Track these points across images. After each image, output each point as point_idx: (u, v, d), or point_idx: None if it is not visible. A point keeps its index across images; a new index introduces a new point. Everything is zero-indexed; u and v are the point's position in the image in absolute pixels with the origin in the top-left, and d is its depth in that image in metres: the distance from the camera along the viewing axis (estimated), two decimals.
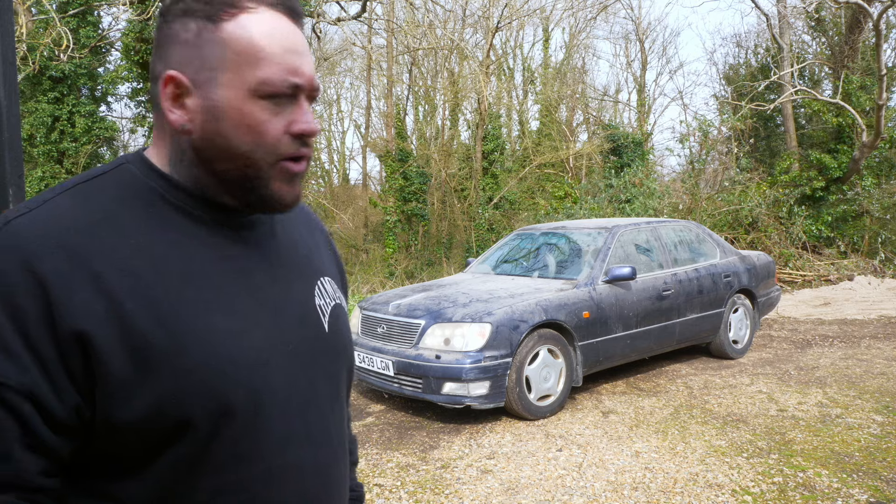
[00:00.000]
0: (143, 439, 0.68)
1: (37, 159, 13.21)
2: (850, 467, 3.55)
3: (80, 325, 0.64)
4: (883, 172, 14.14)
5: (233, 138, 0.73)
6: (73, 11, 12.02)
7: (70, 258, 0.66)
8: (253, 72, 0.72)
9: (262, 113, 0.73)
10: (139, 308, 0.67)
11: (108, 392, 0.66)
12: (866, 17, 11.99)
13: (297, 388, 0.79)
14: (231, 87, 0.72)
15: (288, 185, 0.77)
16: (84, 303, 0.65)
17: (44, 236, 0.66)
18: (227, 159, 0.74)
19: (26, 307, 0.63)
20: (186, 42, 0.73)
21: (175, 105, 0.74)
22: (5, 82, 1.37)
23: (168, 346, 0.68)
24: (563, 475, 3.59)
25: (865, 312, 8.62)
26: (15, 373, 0.63)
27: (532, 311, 4.56)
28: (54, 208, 0.69)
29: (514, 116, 19.47)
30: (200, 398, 0.69)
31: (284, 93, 0.73)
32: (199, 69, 0.73)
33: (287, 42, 0.74)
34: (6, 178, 1.42)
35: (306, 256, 0.90)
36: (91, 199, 0.71)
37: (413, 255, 14.80)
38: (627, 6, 26.75)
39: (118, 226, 0.70)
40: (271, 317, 0.78)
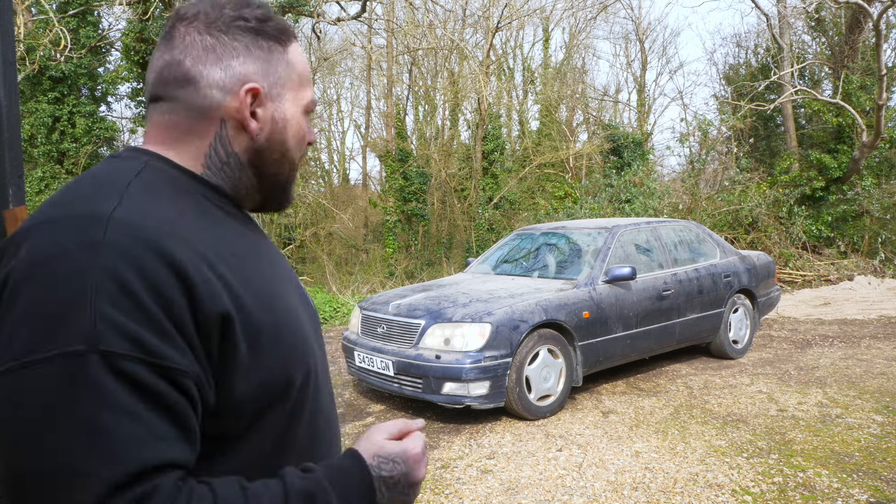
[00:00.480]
0: (254, 406, 0.74)
1: (37, 159, 13.20)
2: (850, 467, 3.54)
3: (223, 307, 0.69)
4: (883, 172, 14.14)
5: (291, 147, 0.86)
6: (72, 11, 12.01)
7: (189, 246, 0.69)
8: (305, 93, 0.87)
9: (305, 124, 0.88)
10: (245, 292, 0.74)
11: (232, 371, 0.71)
12: (866, 17, 11.99)
13: (320, 357, 0.91)
14: (294, 103, 0.85)
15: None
16: (218, 289, 0.69)
17: (157, 227, 0.67)
18: (283, 164, 0.86)
19: (173, 297, 0.65)
20: (259, 58, 0.82)
21: (251, 114, 0.82)
22: (5, 82, 1.37)
23: (272, 327, 0.76)
24: (563, 475, 3.59)
25: (865, 312, 8.62)
26: (185, 361, 0.66)
27: (532, 311, 4.56)
28: (135, 200, 0.70)
29: (514, 116, 19.47)
30: (296, 365, 0.79)
31: (313, 111, 0.89)
32: (273, 84, 0.83)
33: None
34: (6, 178, 1.42)
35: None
36: (160, 194, 0.74)
37: (413, 255, 14.80)
38: (627, 6, 26.77)
39: (192, 217, 0.74)
40: (297, 295, 0.89)
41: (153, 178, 0.75)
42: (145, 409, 0.61)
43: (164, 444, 0.62)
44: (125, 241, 0.64)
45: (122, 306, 0.62)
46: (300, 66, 0.86)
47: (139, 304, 0.63)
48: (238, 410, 0.72)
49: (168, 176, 0.77)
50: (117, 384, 0.60)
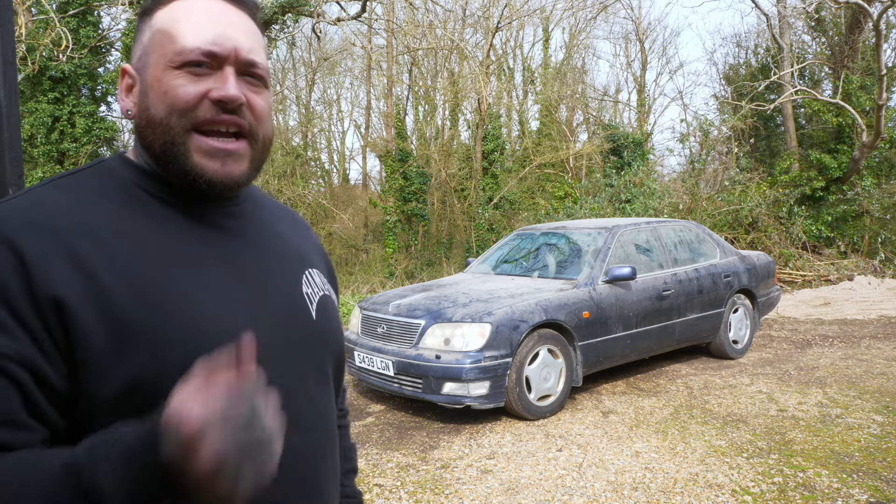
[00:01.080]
0: (119, 413, 0.66)
1: (37, 159, 13.20)
2: (850, 467, 3.55)
3: (55, 292, 0.66)
4: (883, 172, 14.14)
5: (152, 107, 0.76)
6: (73, 11, 12.01)
7: (49, 236, 0.68)
8: (171, 45, 0.75)
9: (176, 80, 0.75)
10: (117, 284, 0.69)
11: (88, 364, 0.66)
12: (866, 17, 11.99)
13: (284, 372, 0.78)
14: (155, 64, 0.76)
15: (212, 161, 0.76)
16: (61, 275, 0.67)
17: (24, 217, 0.69)
18: (150, 129, 0.76)
19: (8, 281, 0.65)
20: (137, 38, 0.80)
21: (126, 94, 0.80)
22: (5, 82, 1.37)
23: (147, 320, 0.68)
24: (563, 475, 3.59)
25: (865, 312, 8.62)
26: (9, 342, 0.64)
27: (532, 311, 4.56)
28: (36, 196, 0.73)
29: (514, 116, 19.47)
30: (177, 372, 0.65)
31: (199, 60, 0.75)
32: (139, 57, 0.79)
33: (208, 16, 0.77)
34: (6, 178, 1.42)
35: (293, 248, 0.91)
36: (72, 190, 0.75)
37: (413, 255, 14.80)
38: (627, 6, 26.74)
39: (98, 212, 0.73)
40: (257, 299, 0.79)
41: (86, 177, 0.77)
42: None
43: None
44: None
45: None
46: (165, 22, 0.76)
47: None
48: (103, 410, 0.67)
49: (106, 173, 0.79)
50: None
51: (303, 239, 0.97)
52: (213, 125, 0.76)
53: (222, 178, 0.77)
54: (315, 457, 0.82)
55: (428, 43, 16.81)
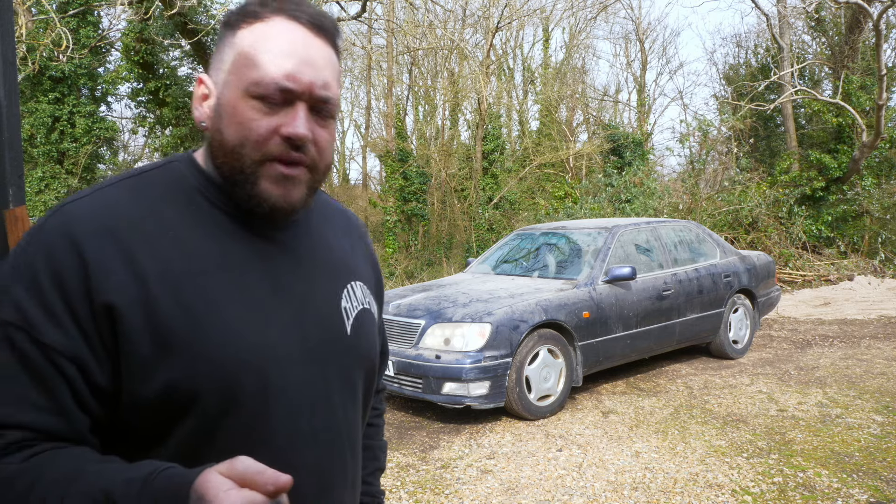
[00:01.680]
0: (157, 414, 0.73)
1: (37, 159, 13.19)
2: (850, 467, 3.55)
3: (110, 299, 0.71)
4: (883, 172, 14.13)
5: (226, 133, 0.78)
6: (73, 11, 12.01)
7: (112, 241, 0.73)
8: (249, 73, 0.76)
9: (251, 111, 0.76)
10: (165, 294, 0.73)
11: (132, 367, 0.72)
12: (866, 17, 11.99)
13: (310, 387, 0.81)
14: (232, 87, 0.78)
15: (277, 187, 0.79)
16: (118, 281, 0.72)
17: (91, 220, 0.74)
18: (223, 154, 0.79)
19: (69, 279, 0.71)
20: (217, 49, 0.82)
21: (200, 103, 0.82)
22: (5, 82, 1.38)
23: (186, 332, 0.73)
24: (563, 475, 3.59)
25: (865, 312, 8.62)
26: (62, 339, 0.70)
27: (532, 311, 4.56)
28: (106, 197, 0.77)
29: (514, 116, 19.47)
30: (209, 381, 0.73)
31: (274, 95, 0.76)
32: (218, 71, 0.80)
33: (289, 47, 0.77)
34: (6, 178, 1.42)
35: (340, 259, 0.94)
36: (139, 193, 0.79)
37: (413, 255, 14.79)
38: (627, 6, 26.72)
39: (160, 218, 0.77)
40: (292, 315, 0.82)
41: (154, 179, 0.81)
42: (16, 373, 0.69)
43: (23, 408, 0.69)
44: (52, 229, 0.73)
45: (25, 283, 0.71)
46: (247, 45, 0.77)
47: (37, 284, 0.70)
48: (142, 411, 0.73)
49: (173, 176, 0.82)
50: (4, 347, 0.70)
51: (353, 247, 0.99)
52: (281, 161, 0.78)
53: (283, 205, 0.80)
54: (334, 471, 0.84)
55: (428, 43, 16.81)
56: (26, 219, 1.50)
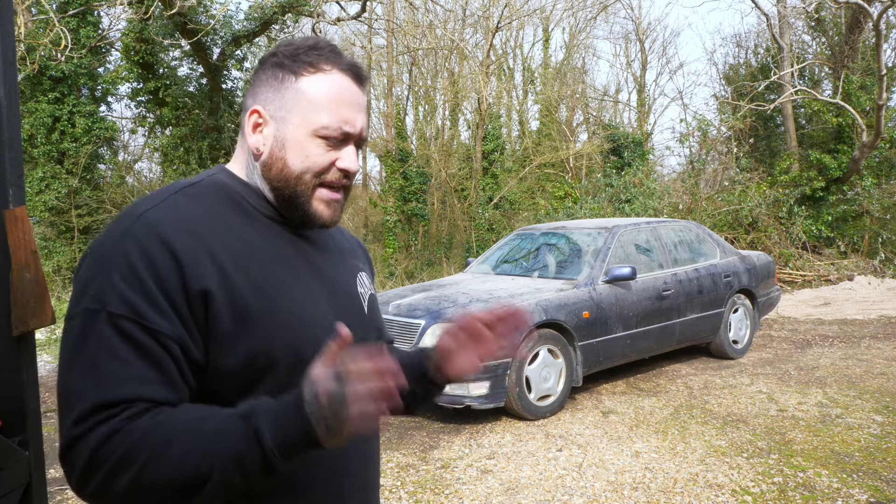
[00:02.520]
0: (236, 381, 0.87)
1: (37, 159, 13.18)
2: (850, 467, 3.55)
3: (204, 285, 0.85)
4: (883, 172, 14.12)
5: (290, 163, 0.96)
6: (72, 11, 12.00)
7: (194, 239, 0.87)
8: (316, 117, 0.95)
9: (316, 148, 0.96)
10: (241, 279, 0.88)
11: (219, 342, 0.86)
12: (866, 17, 11.99)
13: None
14: (298, 126, 0.96)
15: (327, 208, 0.99)
16: (207, 270, 0.86)
17: (173, 222, 0.88)
18: (283, 179, 0.97)
19: (167, 274, 0.83)
20: (272, 87, 0.98)
21: (255, 131, 0.99)
22: (5, 82, 1.38)
23: (261, 308, 0.88)
24: (563, 475, 3.59)
25: (865, 312, 8.62)
26: (167, 325, 0.83)
27: (532, 311, 4.56)
28: (175, 204, 0.91)
29: (514, 116, 19.47)
30: (282, 348, 0.89)
31: (336, 137, 0.96)
32: (278, 108, 0.97)
33: (347, 99, 0.97)
34: (6, 178, 1.42)
35: (350, 256, 1.15)
36: (199, 200, 0.94)
37: (413, 255, 14.78)
38: (627, 6, 26.68)
39: (221, 219, 0.93)
40: (329, 293, 1.01)
41: (205, 189, 0.97)
42: (133, 357, 0.81)
43: (143, 384, 0.81)
44: (141, 232, 0.85)
45: (126, 279, 0.83)
46: (312, 94, 0.95)
47: (138, 279, 0.83)
48: (226, 378, 0.87)
49: (218, 185, 0.98)
50: (114, 335, 0.81)
51: (354, 248, 1.21)
52: (332, 186, 0.98)
53: (330, 221, 1.00)
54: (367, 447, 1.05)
55: (428, 43, 16.81)
56: (26, 219, 1.50)
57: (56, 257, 12.57)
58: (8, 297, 1.47)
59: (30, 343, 1.54)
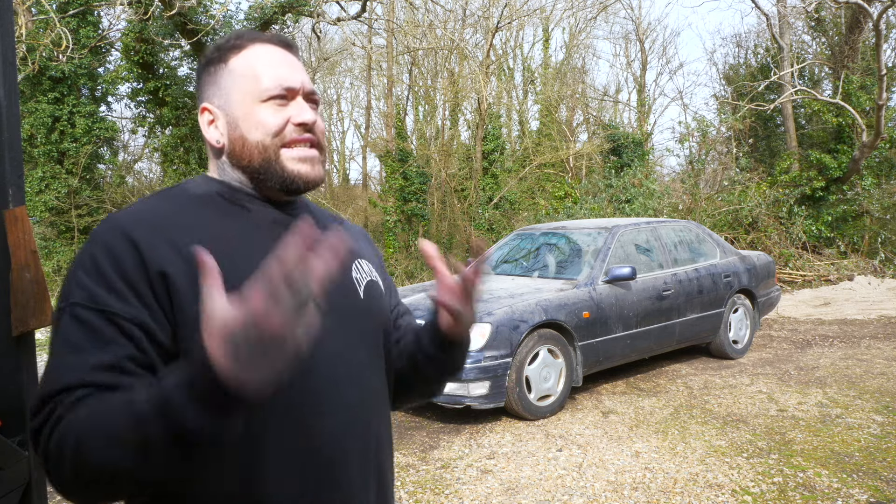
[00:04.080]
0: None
1: (37, 159, 13.18)
2: (850, 467, 3.55)
3: (163, 267, 0.85)
4: (883, 172, 14.13)
5: (248, 135, 0.97)
6: (72, 11, 12.01)
7: (154, 230, 0.88)
8: (256, 85, 0.97)
9: (266, 112, 0.97)
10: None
11: (186, 325, 0.84)
12: (866, 17, 11.99)
13: (337, 337, 0.97)
14: (242, 101, 0.98)
15: (301, 164, 0.98)
16: (166, 255, 0.86)
17: (136, 218, 0.90)
18: (247, 153, 0.97)
19: (126, 259, 0.85)
20: (210, 82, 1.01)
21: (210, 127, 1.01)
22: (5, 82, 1.38)
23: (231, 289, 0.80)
24: (563, 475, 3.59)
25: (865, 312, 8.62)
26: (125, 307, 0.83)
27: (532, 311, 4.56)
28: (144, 203, 0.94)
29: (514, 116, 19.47)
30: None
31: (281, 94, 0.97)
32: (220, 96, 1.00)
33: (277, 60, 0.99)
34: (6, 178, 1.42)
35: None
36: (172, 199, 0.97)
37: (413, 255, 14.78)
38: (627, 6, 26.68)
39: (191, 214, 0.94)
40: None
41: (181, 189, 0.99)
42: (84, 341, 0.81)
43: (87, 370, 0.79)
44: (105, 230, 0.88)
45: (89, 271, 0.85)
46: (243, 68, 0.98)
47: (99, 269, 0.85)
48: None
49: (196, 186, 1.00)
50: (71, 324, 0.82)
51: (354, 237, 1.16)
52: (297, 143, 0.98)
53: (314, 178, 0.99)
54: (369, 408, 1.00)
55: (428, 43, 16.81)
56: (26, 219, 1.50)
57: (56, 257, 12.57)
58: (8, 297, 1.47)
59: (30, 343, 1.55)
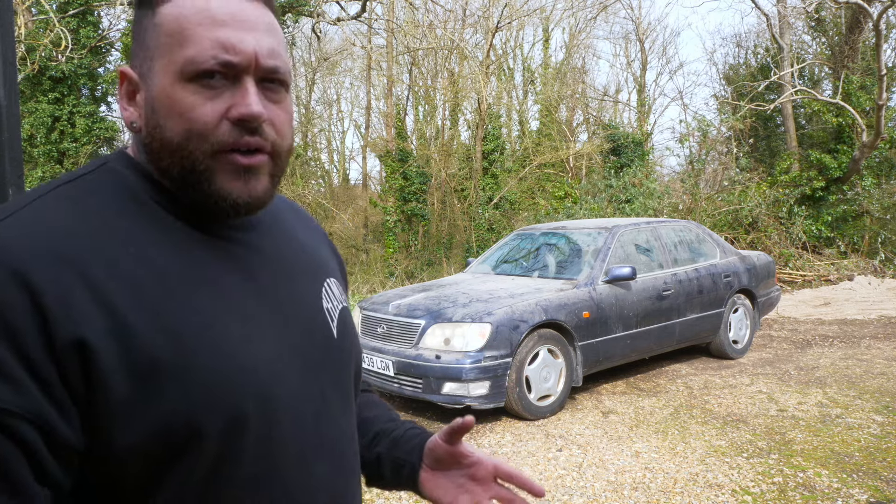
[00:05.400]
0: (145, 462, 0.61)
1: (37, 159, 13.20)
2: (850, 467, 3.55)
3: (78, 333, 0.57)
4: (883, 172, 14.14)
5: (166, 129, 0.66)
6: (73, 11, 12.02)
7: (65, 266, 0.59)
8: (181, 52, 0.64)
9: (191, 97, 0.65)
10: (143, 321, 0.61)
11: (110, 411, 0.59)
12: (866, 17, 11.99)
13: (310, 398, 0.73)
14: (163, 73, 0.65)
15: (238, 181, 0.67)
16: (83, 313, 0.58)
17: (32, 243, 0.59)
18: (166, 154, 0.66)
19: (21, 325, 0.56)
20: (135, 36, 0.69)
21: (128, 102, 0.69)
22: (5, 82, 1.37)
23: (176, 359, 0.61)
24: (563, 475, 3.59)
25: (865, 312, 8.62)
26: (16, 398, 0.55)
27: (532, 311, 4.56)
28: (41, 211, 0.62)
29: (514, 116, 19.47)
30: (210, 410, 0.62)
31: (215, 71, 0.64)
32: (143, 60, 0.68)
33: (222, 15, 0.65)
34: (6, 178, 1.42)
35: (311, 256, 0.84)
36: (80, 202, 0.64)
37: (413, 255, 14.79)
38: (627, 6, 26.67)
39: (113, 231, 0.64)
40: (281, 322, 0.72)
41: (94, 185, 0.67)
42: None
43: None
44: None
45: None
46: (171, 21, 0.65)
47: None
48: (126, 463, 0.60)
49: (116, 181, 0.69)
50: None
51: (316, 241, 0.89)
52: (233, 148, 0.66)
53: (247, 199, 0.68)
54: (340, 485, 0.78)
55: (428, 43, 16.82)
56: None
57: None
58: None
59: None
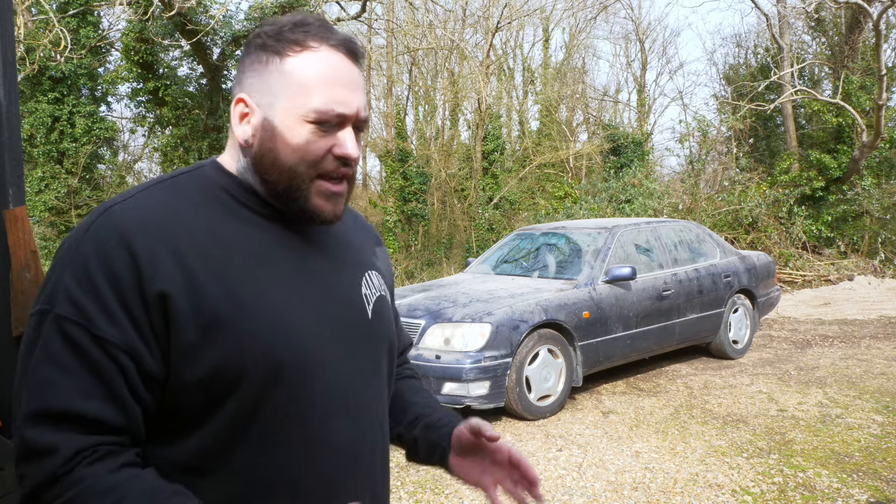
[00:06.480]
0: (204, 394, 0.80)
1: (37, 159, 13.19)
2: (850, 467, 3.55)
3: (163, 288, 0.77)
4: (883, 172, 14.13)
5: (281, 154, 0.86)
6: (72, 11, 12.01)
7: (157, 236, 0.79)
8: (306, 101, 0.85)
9: (309, 135, 0.86)
10: (210, 281, 0.80)
11: (181, 351, 0.78)
12: (866, 17, 11.99)
13: (341, 364, 0.90)
14: (286, 112, 0.86)
15: (328, 203, 0.89)
16: (167, 272, 0.78)
17: (138, 217, 0.80)
18: (275, 172, 0.87)
19: (123, 277, 0.77)
20: (256, 71, 0.88)
21: (241, 122, 0.89)
22: (5, 82, 1.37)
23: (232, 313, 0.80)
24: (563, 475, 3.59)
25: (865, 312, 8.62)
26: (116, 332, 0.76)
27: (532, 311, 4.56)
28: (148, 197, 0.84)
29: (514, 116, 19.48)
30: (255, 359, 0.80)
31: (331, 120, 0.86)
32: (264, 94, 0.87)
33: (340, 78, 0.87)
34: (6, 178, 1.42)
35: (357, 252, 1.03)
36: (176, 192, 0.86)
37: (413, 256, 14.78)
38: (627, 6, 26.67)
39: (196, 214, 0.85)
40: (322, 296, 0.91)
41: (188, 181, 0.89)
42: (75, 365, 0.75)
43: (82, 397, 0.75)
44: (101, 228, 0.79)
45: (80, 281, 0.77)
46: (298, 75, 0.85)
47: (91, 280, 0.77)
48: (191, 392, 0.79)
49: (205, 179, 0.90)
50: (58, 339, 0.76)
51: (368, 244, 1.09)
52: (330, 176, 0.88)
53: (332, 218, 0.91)
54: (359, 444, 0.92)
55: (428, 43, 16.82)
56: (26, 219, 1.50)
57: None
58: (8, 297, 1.47)
59: None
